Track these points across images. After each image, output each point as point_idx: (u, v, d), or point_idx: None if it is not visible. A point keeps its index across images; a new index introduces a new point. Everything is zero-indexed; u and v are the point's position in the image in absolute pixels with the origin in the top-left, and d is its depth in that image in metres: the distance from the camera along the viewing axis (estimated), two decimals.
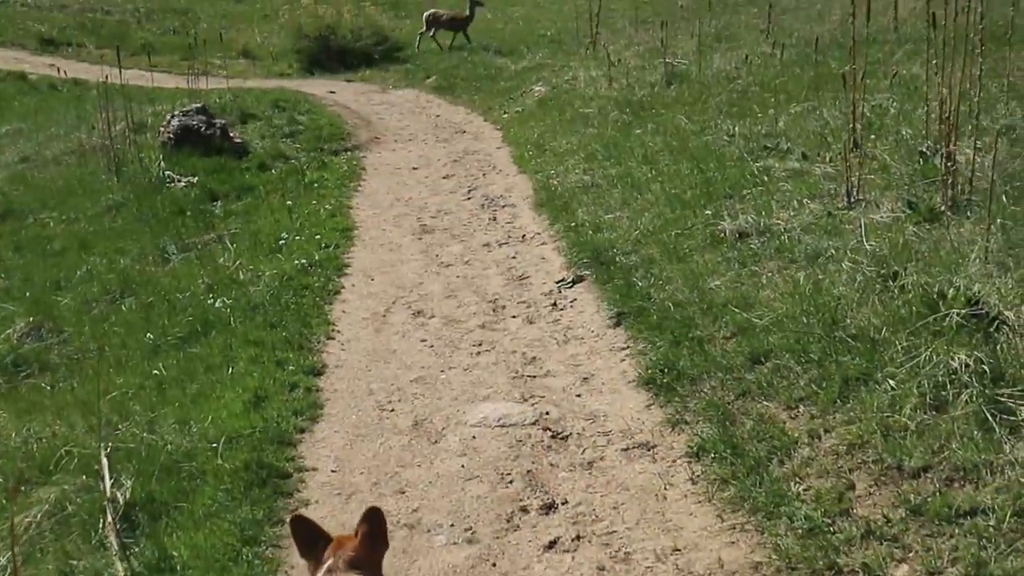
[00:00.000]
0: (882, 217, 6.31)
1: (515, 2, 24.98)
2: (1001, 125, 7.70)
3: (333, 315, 6.69)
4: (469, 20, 19.92)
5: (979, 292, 4.79)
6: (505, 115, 13.96)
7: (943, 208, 6.14)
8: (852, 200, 6.71)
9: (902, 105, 9.08)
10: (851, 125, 7.78)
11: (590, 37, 17.18)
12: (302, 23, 19.93)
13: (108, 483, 4.33)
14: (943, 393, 4.22)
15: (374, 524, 2.61)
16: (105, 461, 4.45)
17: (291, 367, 5.76)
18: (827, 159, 7.75)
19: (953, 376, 4.28)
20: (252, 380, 5.53)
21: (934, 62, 7.47)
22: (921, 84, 9.63)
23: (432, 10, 20.52)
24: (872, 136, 7.99)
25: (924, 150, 7.17)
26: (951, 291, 4.86)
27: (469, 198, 9.66)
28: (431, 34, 19.91)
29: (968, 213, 6.06)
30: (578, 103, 12.72)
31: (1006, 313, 4.65)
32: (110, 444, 4.77)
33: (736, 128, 9.36)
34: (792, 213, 6.76)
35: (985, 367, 4.23)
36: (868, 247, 5.82)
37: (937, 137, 7.39)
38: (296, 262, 7.58)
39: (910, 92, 9.54)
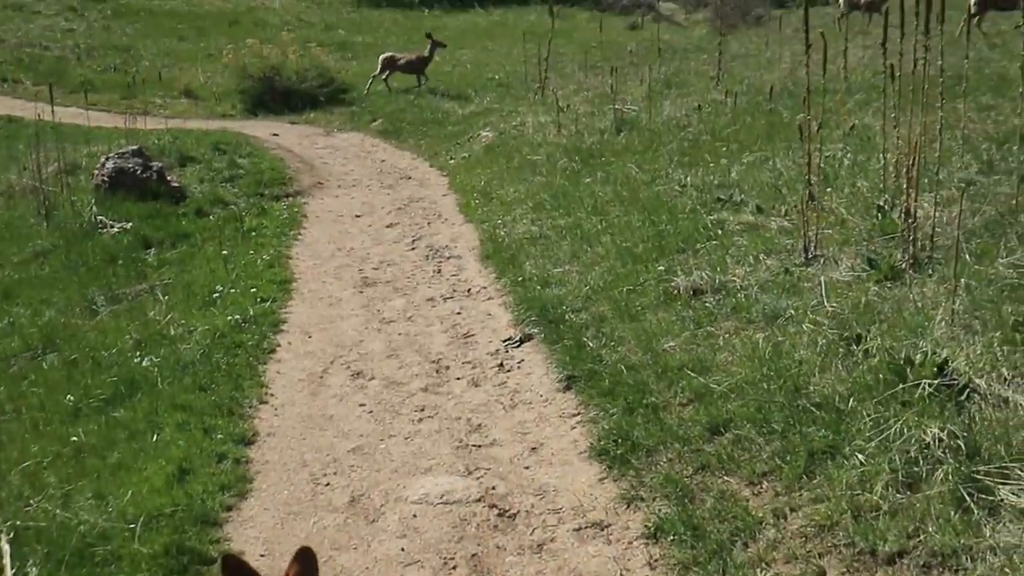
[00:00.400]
0: (841, 275, 6.08)
1: (464, 45, 24.81)
2: (958, 179, 7.55)
3: (267, 376, 6.29)
4: (428, 62, 19.69)
5: (947, 358, 4.55)
6: (452, 161, 13.69)
7: (904, 266, 5.92)
8: (810, 256, 6.48)
9: (856, 156, 8.92)
10: (807, 177, 7.58)
11: (539, 82, 17.02)
12: (246, 63, 19.58)
13: (9, 573, 3.93)
14: (916, 469, 3.96)
15: (306, 565, 2.39)
16: (7, 547, 4.04)
17: (220, 435, 5.35)
18: (782, 212, 7.54)
19: (926, 451, 4.02)
20: (177, 450, 5.12)
21: (893, 115, 7.31)
22: (875, 135, 9.52)
23: (389, 53, 20.27)
24: (828, 189, 7.79)
25: (882, 204, 6.98)
26: (918, 357, 4.61)
27: (413, 248, 9.33)
28: (384, 76, 19.62)
29: (930, 271, 5.84)
30: (526, 150, 12.48)
31: (977, 381, 4.41)
32: (17, 523, 4.37)
33: (688, 178, 9.15)
34: (748, 269, 6.51)
35: (960, 441, 3.98)
36: (829, 307, 5.58)
37: (894, 191, 7.23)
38: (230, 317, 7.16)
39: (864, 143, 9.40)
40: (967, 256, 5.75)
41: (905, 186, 6.89)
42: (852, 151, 9.10)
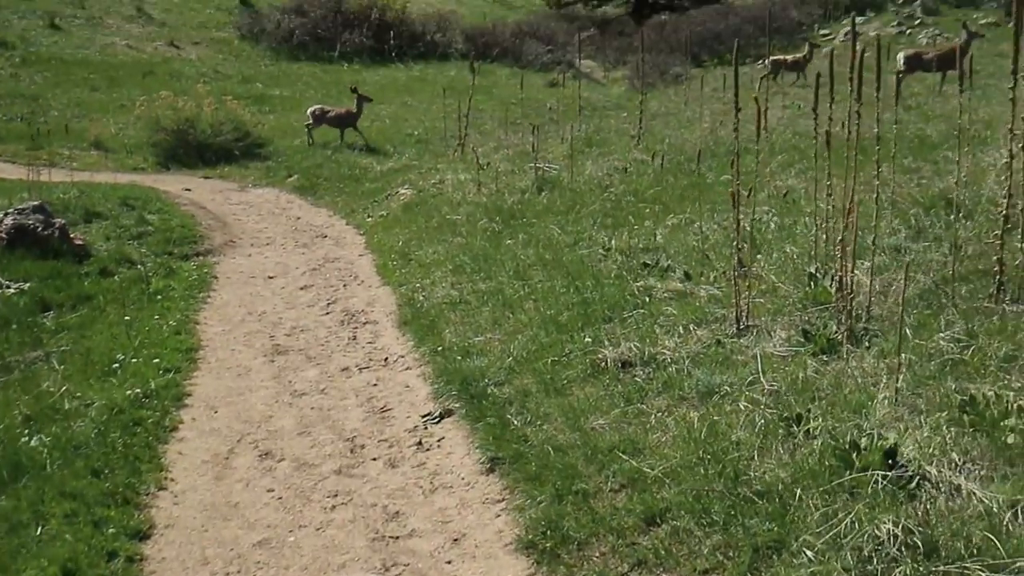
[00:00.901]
0: (776, 347, 5.82)
1: (383, 100, 24.48)
2: (887, 246, 7.39)
3: (168, 458, 5.81)
4: (357, 116, 19.33)
5: (895, 443, 4.30)
6: (369, 219, 13.32)
7: (841, 339, 5.69)
8: (742, 327, 6.23)
9: (782, 219, 8.76)
10: (735, 243, 7.36)
11: (459, 139, 16.78)
12: (160, 115, 19.03)
13: None
14: (871, 568, 3.68)
15: None
16: None
17: (112, 529, 4.85)
18: (711, 279, 7.30)
19: (880, 548, 3.74)
20: (63, 547, 4.62)
21: (817, 177, 7.13)
22: (799, 198, 9.38)
23: (319, 105, 19.88)
24: (757, 255, 7.58)
25: (813, 272, 6.77)
26: (864, 441, 4.36)
27: (328, 312, 8.92)
28: (312, 129, 19.20)
29: (868, 344, 5.62)
30: (446, 209, 12.17)
31: (928, 468, 4.16)
32: None
33: (612, 241, 8.90)
34: (678, 340, 6.24)
35: (916, 538, 3.70)
36: (765, 383, 5.32)
37: (824, 258, 7.03)
38: (130, 392, 6.65)
39: (789, 206, 9.25)
40: (906, 330, 5.53)
41: (838, 254, 6.71)
42: (778, 214, 8.94)
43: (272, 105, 23.75)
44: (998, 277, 5.90)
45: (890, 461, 4.21)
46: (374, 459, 5.77)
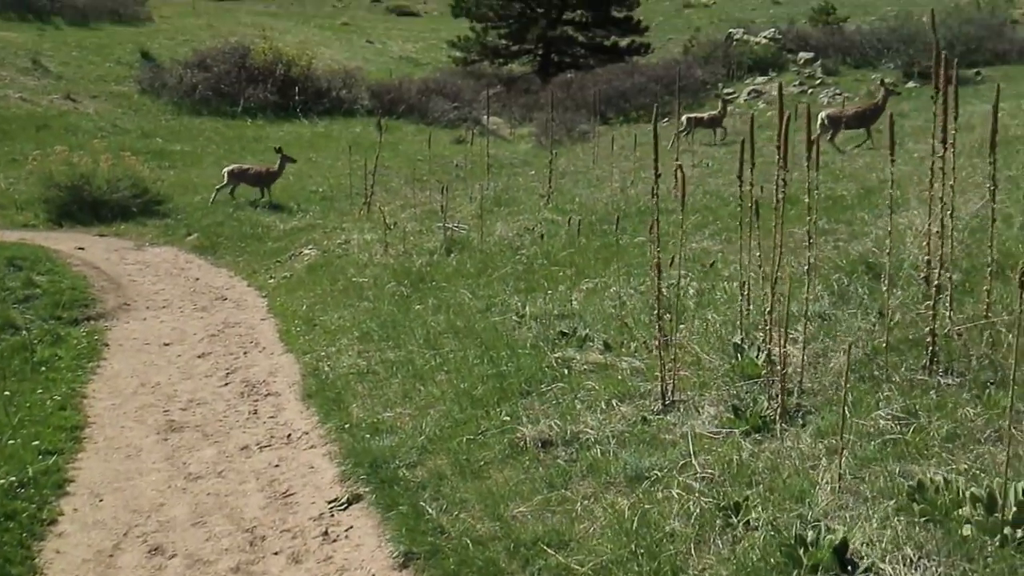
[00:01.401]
0: (705, 426, 5.50)
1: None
2: (811, 312, 7.15)
3: (43, 557, 5.23)
4: (276, 177, 18.78)
5: (845, 537, 3.98)
6: (272, 280, 12.81)
7: (774, 416, 5.38)
8: (668, 403, 5.91)
9: (700, 285, 8.51)
10: (656, 312, 7.07)
11: (365, 197, 16.36)
12: (53, 170, 18.28)
13: None
14: None
15: None
16: None
17: None
18: (632, 350, 6.97)
19: None
20: None
21: (753, 250, 6.89)
22: (716, 261, 9.15)
23: (236, 164, 19.28)
24: (679, 323, 7.28)
25: (739, 342, 6.49)
26: (810, 534, 4.03)
27: (227, 383, 8.40)
28: (230, 189, 18.56)
29: (802, 421, 5.32)
30: (352, 271, 11.74)
31: (883, 566, 3.85)
32: None
33: (527, 307, 8.55)
34: (601, 417, 5.88)
35: None
36: (698, 467, 4.98)
37: (748, 326, 6.77)
38: (3, 480, 6.05)
39: (707, 270, 9.02)
40: (845, 407, 5.25)
41: (764, 324, 6.44)
42: (696, 279, 8.69)
43: (172, 161, 23.10)
44: (931, 348, 5.67)
45: (842, 559, 3.89)
46: (276, 553, 5.28)
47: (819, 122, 17.89)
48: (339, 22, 50.00)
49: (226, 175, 18.54)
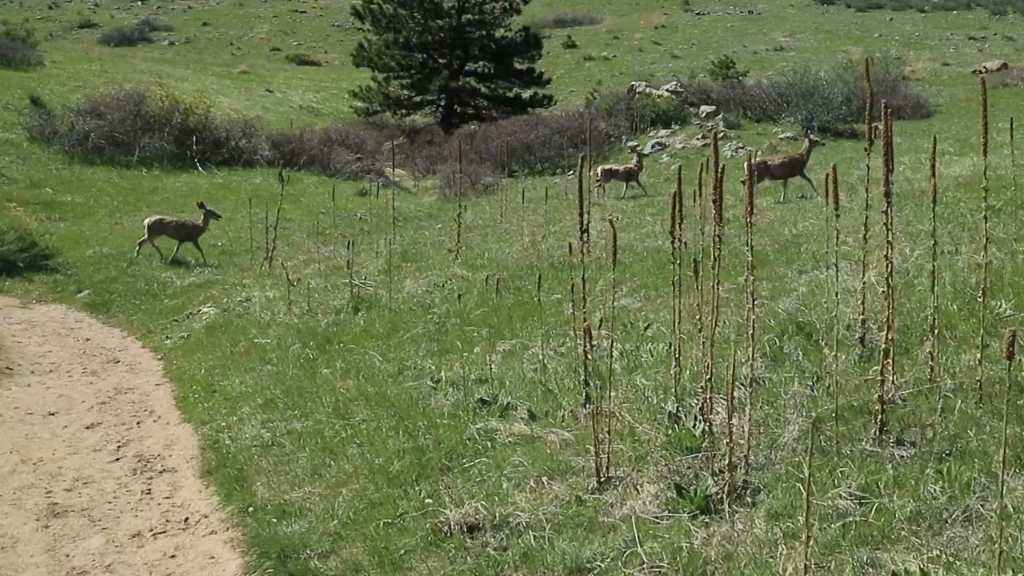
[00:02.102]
0: (647, 506, 5.07)
1: (184, 209, 23.27)
2: (744, 376, 6.83)
3: None
4: (201, 231, 18.06)
5: None
6: (168, 341, 12.13)
7: (720, 495, 4.99)
8: (603, 480, 5.48)
9: (623, 345, 8.14)
10: (583, 378, 6.68)
11: (266, 251, 15.76)
12: None
13: None
14: None
15: None
16: None
17: None
18: (559, 419, 6.54)
19: None
20: None
21: (682, 313, 6.54)
22: (642, 321, 8.82)
23: (158, 216, 18.49)
24: (606, 389, 6.88)
25: (673, 410, 6.11)
26: None
27: (118, 459, 7.73)
28: (152, 242, 17.79)
29: (751, 501, 4.94)
30: (254, 331, 11.16)
31: None
32: None
33: (442, 372, 8.09)
34: (531, 497, 5.42)
35: None
36: (644, 556, 4.56)
37: (680, 392, 6.40)
38: None
39: (629, 330, 8.67)
40: (796, 484, 4.89)
41: (700, 391, 6.09)
42: (619, 339, 8.32)
43: (63, 212, 22.19)
44: (879, 417, 5.35)
45: None
46: None
47: (745, 171, 17.83)
48: (238, 70, 49.33)
49: (147, 226, 17.80)
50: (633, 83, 37.42)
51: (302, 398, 8.18)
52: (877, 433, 5.33)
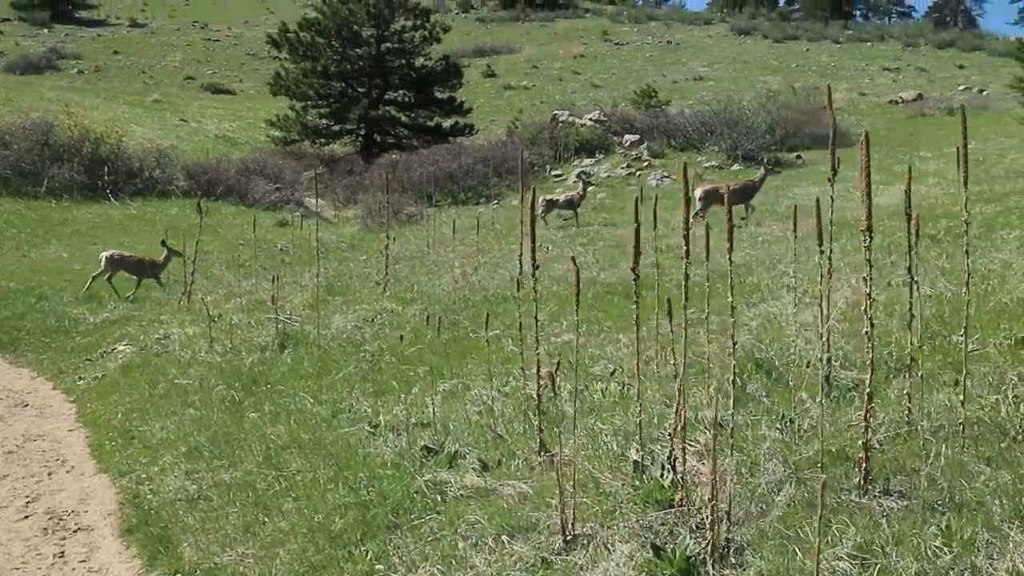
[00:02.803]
0: (622, 570, 4.60)
1: (97, 240, 22.43)
2: (705, 419, 6.41)
3: None
4: (162, 268, 17.27)
5: None
6: (81, 382, 11.38)
7: (702, 555, 4.54)
8: (569, 537, 4.99)
9: (572, 384, 7.69)
10: (536, 423, 6.21)
11: (184, 286, 15.06)
12: None
13: None
14: None
15: None
16: None
17: None
18: (513, 468, 6.05)
19: None
20: None
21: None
22: (583, 356, 8.38)
23: (115, 250, 17.64)
24: (556, 432, 6.41)
25: (638, 459, 5.65)
26: None
27: (27, 516, 7.03)
28: (107, 276, 16.94)
29: (736, 561, 4.49)
30: (173, 371, 10.50)
31: None
32: None
33: (380, 415, 7.55)
34: (492, 559, 4.91)
35: None
36: None
37: (641, 437, 5.95)
38: None
39: (576, 367, 8.21)
40: (785, 542, 4.47)
41: (663, 435, 5.67)
42: (566, 378, 7.88)
43: None
44: (864, 465, 4.96)
45: None
46: None
47: (696, 197, 17.67)
48: (150, 99, 48.34)
49: (104, 260, 17.07)
50: (556, 112, 37.27)
51: (229, 445, 7.58)
52: (862, 482, 4.94)
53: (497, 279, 14.16)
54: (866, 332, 5.07)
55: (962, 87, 50.49)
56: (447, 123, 41.44)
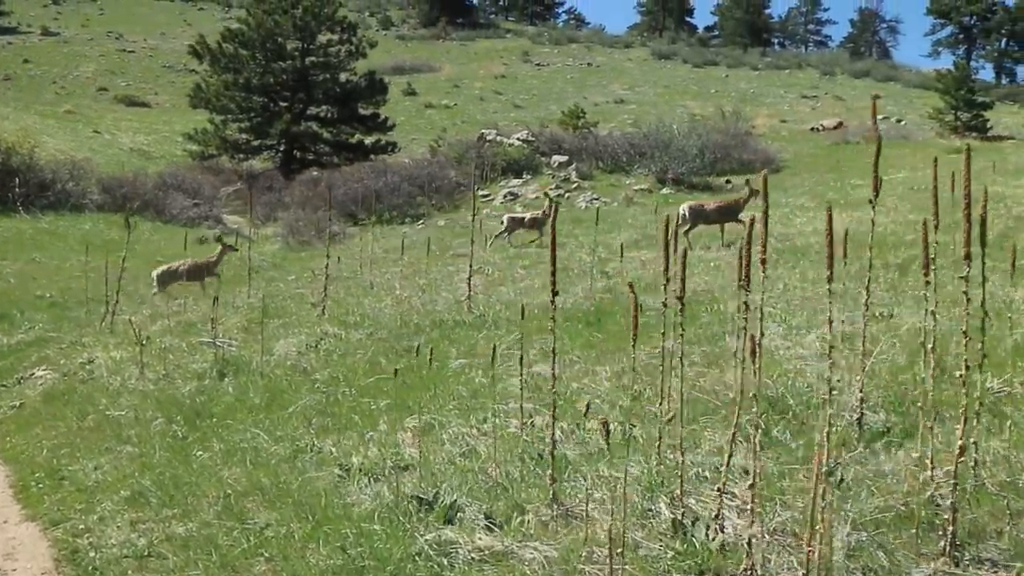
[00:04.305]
0: None
1: (5, 256, 21.16)
2: (715, 464, 5.76)
3: None
4: (218, 263, 16.72)
5: None
6: None
7: None
8: None
9: (557, 420, 6.98)
10: (549, 473, 5.49)
11: (106, 305, 14.02)
12: None
13: None
14: None
15: None
16: None
17: None
18: (524, 526, 5.30)
19: None
20: None
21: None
22: (568, 392, 7.71)
23: (162, 267, 16.82)
24: (557, 478, 5.70)
25: (673, 515, 4.95)
26: None
27: None
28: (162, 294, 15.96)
29: None
30: (103, 400, 9.55)
31: None
32: None
33: (352, 456, 6.74)
34: None
35: None
36: None
37: (682, 491, 5.22)
38: None
39: (563, 402, 7.51)
40: None
41: (720, 493, 4.96)
42: (540, 409, 7.18)
43: None
44: (951, 529, 4.33)
45: None
46: None
47: (679, 214, 17.18)
48: (63, 110, 46.71)
49: (155, 279, 16.50)
50: (483, 131, 36.66)
51: (179, 491, 6.70)
52: (947, 548, 4.31)
53: (441, 302, 13.41)
54: (961, 375, 4.44)
55: (881, 116, 51.01)
56: (369, 140, 40.57)
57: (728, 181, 30.45)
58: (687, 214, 17.46)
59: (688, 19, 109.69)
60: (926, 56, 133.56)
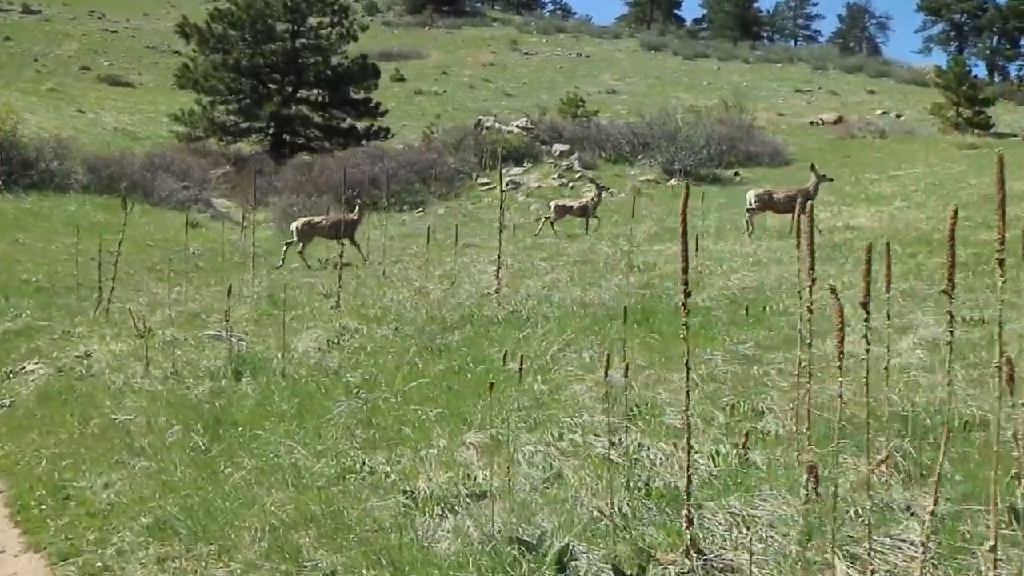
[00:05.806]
0: None
1: None
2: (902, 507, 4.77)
3: None
4: (357, 224, 16.82)
5: None
6: None
7: None
8: None
9: (651, 443, 6.01)
10: (685, 514, 4.49)
11: (101, 293, 12.88)
12: None
13: None
14: None
15: None
16: None
17: None
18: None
19: None
20: None
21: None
22: (648, 403, 6.74)
23: (302, 219, 17.38)
24: (687, 518, 4.68)
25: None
26: None
27: None
28: (299, 250, 15.74)
29: None
30: (107, 402, 8.48)
31: None
32: None
33: (420, 481, 5.72)
34: None
35: None
36: None
37: (870, 541, 4.24)
38: None
39: (648, 416, 6.53)
40: None
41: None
42: (618, 423, 6.20)
43: None
44: None
45: None
46: None
47: (749, 201, 16.30)
48: (45, 87, 45.33)
49: (294, 231, 17.54)
50: (481, 117, 35.66)
51: (212, 519, 5.63)
52: None
53: (464, 294, 12.39)
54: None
55: (879, 112, 50.26)
56: (361, 125, 39.40)
57: (736, 174, 29.58)
58: (753, 201, 16.69)
59: (676, 11, 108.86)
60: (917, 52, 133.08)
